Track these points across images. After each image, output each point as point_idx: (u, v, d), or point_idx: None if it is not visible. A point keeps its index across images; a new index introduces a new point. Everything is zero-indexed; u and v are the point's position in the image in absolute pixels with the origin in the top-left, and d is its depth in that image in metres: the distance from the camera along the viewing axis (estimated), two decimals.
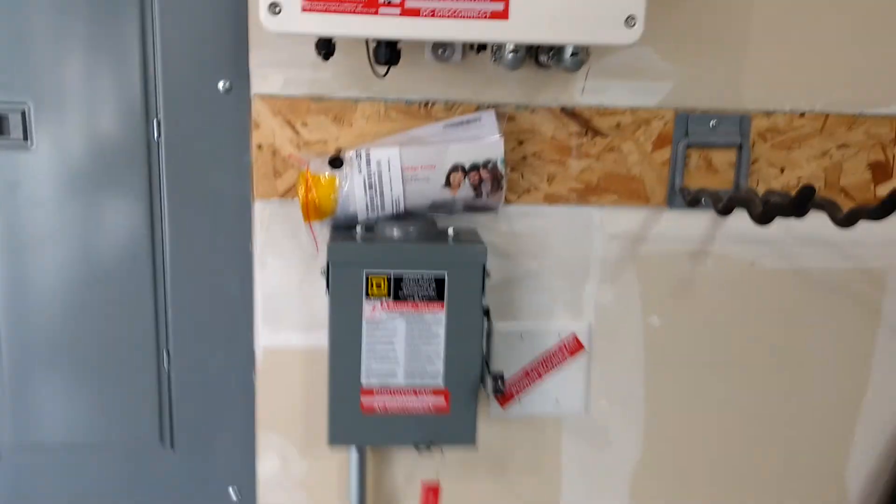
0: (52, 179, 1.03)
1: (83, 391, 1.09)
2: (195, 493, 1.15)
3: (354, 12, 0.85)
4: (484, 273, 0.99)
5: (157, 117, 1.03)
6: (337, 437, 1.02)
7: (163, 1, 1.00)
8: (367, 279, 0.98)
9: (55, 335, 1.08)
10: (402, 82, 1.04)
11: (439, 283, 0.99)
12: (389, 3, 0.86)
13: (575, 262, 1.12)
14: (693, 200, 1.03)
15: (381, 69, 0.97)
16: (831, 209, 0.84)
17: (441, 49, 1.02)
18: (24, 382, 1.09)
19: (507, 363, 1.13)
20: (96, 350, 1.08)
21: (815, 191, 0.74)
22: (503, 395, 1.14)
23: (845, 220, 0.82)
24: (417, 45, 1.02)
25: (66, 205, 1.04)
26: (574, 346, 1.14)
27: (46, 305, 1.07)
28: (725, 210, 0.92)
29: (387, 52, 0.92)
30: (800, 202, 0.74)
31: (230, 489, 1.15)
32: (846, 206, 1.12)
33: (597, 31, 0.89)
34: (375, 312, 0.99)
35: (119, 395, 1.10)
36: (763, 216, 0.82)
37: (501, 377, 0.99)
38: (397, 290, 0.99)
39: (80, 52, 1.00)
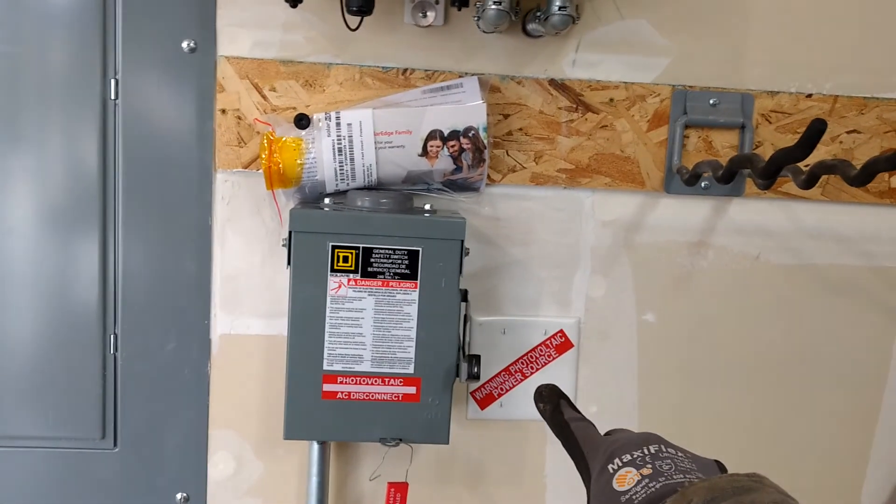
0: None
1: (16, 376, 0.99)
2: (138, 499, 1.03)
3: None
4: (462, 250, 0.90)
5: (115, 76, 0.96)
6: (294, 429, 0.92)
7: None
8: (332, 251, 0.89)
9: None
10: (379, 47, 0.97)
11: (413, 258, 0.90)
12: None
13: (564, 251, 1.03)
14: (692, 177, 0.94)
15: (354, 21, 0.90)
16: (843, 168, 0.76)
17: (422, 12, 0.95)
18: None
19: (489, 361, 1.03)
20: (33, 330, 0.99)
21: (825, 125, 0.65)
22: (483, 396, 1.03)
23: (860, 177, 0.73)
24: (397, 6, 0.95)
25: (9, 160, 0.96)
26: (562, 344, 1.04)
27: None
28: (727, 176, 0.84)
29: None
30: (809, 139, 0.66)
31: (178, 496, 1.03)
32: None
33: None
34: (341, 289, 0.90)
35: (57, 382, 1.00)
36: (767, 168, 0.73)
37: (477, 359, 0.89)
38: (366, 265, 0.90)
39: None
